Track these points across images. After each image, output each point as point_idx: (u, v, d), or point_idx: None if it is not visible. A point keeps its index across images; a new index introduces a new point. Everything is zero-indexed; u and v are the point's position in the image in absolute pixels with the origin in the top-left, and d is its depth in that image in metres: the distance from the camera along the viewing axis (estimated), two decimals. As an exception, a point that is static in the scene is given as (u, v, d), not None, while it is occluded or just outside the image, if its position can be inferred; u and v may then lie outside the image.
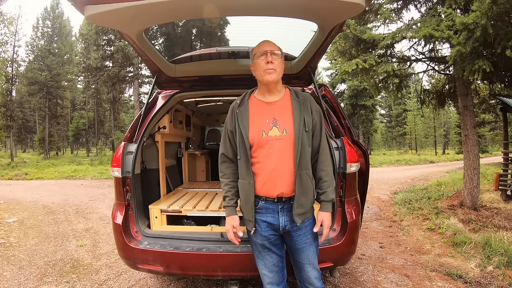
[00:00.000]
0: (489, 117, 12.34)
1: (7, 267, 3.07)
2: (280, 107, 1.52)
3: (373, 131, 26.53)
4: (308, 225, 1.55)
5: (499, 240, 3.31)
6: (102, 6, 1.39)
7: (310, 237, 1.55)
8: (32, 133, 35.27)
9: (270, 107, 1.53)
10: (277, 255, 1.60)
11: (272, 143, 1.47)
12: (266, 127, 1.49)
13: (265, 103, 1.54)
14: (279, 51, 1.52)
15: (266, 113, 1.52)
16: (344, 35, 4.76)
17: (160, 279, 2.75)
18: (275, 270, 1.60)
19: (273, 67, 1.47)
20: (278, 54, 1.50)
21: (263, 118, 1.51)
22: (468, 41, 3.58)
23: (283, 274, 1.65)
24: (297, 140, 1.46)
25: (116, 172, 2.14)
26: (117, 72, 19.74)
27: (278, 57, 1.50)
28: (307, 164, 1.50)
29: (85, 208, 5.90)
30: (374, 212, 5.40)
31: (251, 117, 1.52)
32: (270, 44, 1.52)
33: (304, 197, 1.49)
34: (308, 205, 1.52)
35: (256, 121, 1.51)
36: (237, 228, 1.57)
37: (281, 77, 1.55)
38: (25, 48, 33.90)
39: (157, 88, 2.81)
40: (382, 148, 43.45)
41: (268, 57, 1.47)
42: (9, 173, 12.69)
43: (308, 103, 1.54)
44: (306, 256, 1.54)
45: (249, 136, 1.49)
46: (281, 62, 1.52)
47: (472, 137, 4.78)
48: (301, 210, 1.49)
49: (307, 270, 1.55)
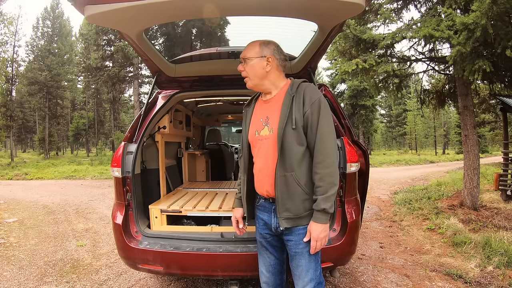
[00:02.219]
0: (489, 117, 12.36)
1: (7, 267, 3.07)
2: (273, 104, 1.46)
3: (373, 131, 26.54)
4: (302, 234, 1.41)
5: (499, 240, 3.31)
6: (102, 6, 1.39)
7: (301, 247, 1.41)
8: (32, 133, 35.26)
9: (266, 105, 1.50)
10: (274, 257, 1.58)
11: (261, 143, 1.45)
12: (259, 127, 1.47)
13: (263, 102, 1.53)
14: (252, 54, 1.44)
15: (262, 111, 1.50)
16: (344, 35, 4.76)
17: (160, 279, 2.75)
18: (272, 271, 1.59)
19: (245, 75, 1.47)
20: (250, 58, 1.44)
21: (259, 117, 1.50)
22: (468, 41, 3.58)
23: (281, 278, 1.61)
24: (279, 139, 1.36)
25: (116, 172, 2.14)
26: (117, 72, 19.73)
27: (251, 61, 1.43)
28: (293, 165, 1.37)
29: (85, 208, 5.90)
30: (374, 212, 5.40)
31: (253, 116, 1.54)
32: (244, 50, 1.47)
33: (290, 201, 1.38)
34: (297, 211, 1.39)
35: (254, 120, 1.52)
36: (239, 220, 1.65)
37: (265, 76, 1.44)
38: (25, 48, 33.97)
39: (157, 88, 2.81)
40: (382, 148, 43.45)
41: (239, 66, 1.49)
42: (9, 173, 12.69)
43: (301, 94, 1.39)
44: (295, 265, 1.45)
45: (248, 135, 1.52)
46: (256, 63, 1.43)
47: (472, 137, 4.78)
48: (287, 214, 1.39)
49: (296, 282, 1.47)
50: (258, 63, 1.43)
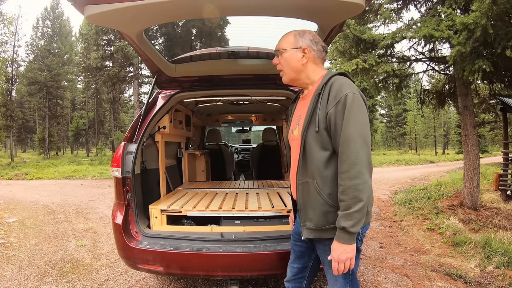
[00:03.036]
0: (489, 117, 12.36)
1: (7, 267, 3.07)
2: (306, 102, 1.33)
3: (373, 131, 26.54)
4: (329, 245, 1.24)
5: (499, 240, 3.31)
6: (102, 6, 1.39)
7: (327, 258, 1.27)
8: (32, 133, 35.27)
9: (302, 102, 1.39)
10: (299, 260, 1.49)
11: (293, 143, 1.37)
12: (294, 126, 1.38)
13: (301, 99, 1.42)
14: (285, 45, 1.33)
15: (298, 110, 1.41)
16: (344, 35, 4.77)
17: (160, 279, 2.75)
18: (292, 272, 1.53)
19: (280, 68, 1.37)
20: (284, 49, 1.33)
21: (295, 115, 1.41)
22: (468, 41, 3.58)
23: (300, 283, 1.52)
24: (302, 142, 1.26)
25: (116, 172, 2.14)
26: (117, 72, 19.73)
27: (285, 53, 1.32)
28: (314, 172, 1.23)
29: (85, 208, 5.90)
30: (374, 212, 5.40)
31: (293, 115, 1.45)
32: (279, 41, 1.38)
33: (312, 210, 1.25)
34: (319, 222, 1.24)
35: (293, 119, 1.44)
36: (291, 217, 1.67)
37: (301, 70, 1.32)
38: (25, 48, 34.04)
39: (157, 88, 2.81)
40: (382, 148, 43.43)
41: (275, 58, 1.39)
42: (9, 173, 12.68)
43: (327, 91, 1.22)
44: (326, 271, 1.35)
45: (288, 134, 1.45)
46: (290, 56, 1.31)
47: (472, 137, 4.78)
48: (309, 224, 1.27)
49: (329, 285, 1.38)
50: (293, 55, 1.31)
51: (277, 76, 1.49)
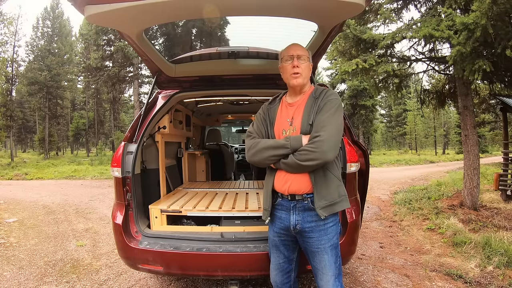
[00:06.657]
0: (489, 117, 12.37)
1: (7, 267, 3.07)
2: (298, 106, 1.56)
3: (373, 131, 26.53)
4: (323, 230, 1.49)
5: (499, 240, 3.31)
6: (102, 6, 1.39)
7: (323, 242, 1.49)
8: (32, 133, 35.26)
9: (291, 107, 1.59)
10: (284, 255, 1.62)
11: None
12: (286, 126, 1.55)
13: (287, 104, 1.61)
14: (306, 54, 1.56)
15: (288, 113, 1.58)
16: (344, 35, 4.76)
17: (160, 279, 2.75)
18: (279, 269, 1.63)
19: (299, 71, 1.52)
20: (305, 58, 1.55)
21: (285, 117, 1.58)
22: (468, 41, 3.58)
23: (289, 277, 1.65)
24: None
25: (116, 172, 2.14)
26: (117, 72, 19.74)
27: (305, 61, 1.55)
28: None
29: (85, 208, 5.90)
30: (374, 212, 5.40)
31: (277, 117, 1.60)
32: (297, 48, 1.56)
33: (327, 190, 1.46)
34: (332, 197, 1.46)
35: (280, 120, 1.59)
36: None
37: (308, 79, 1.59)
38: (25, 48, 34.00)
39: (157, 88, 2.81)
40: (382, 148, 43.43)
41: (294, 61, 1.52)
42: (9, 173, 12.68)
43: (322, 96, 1.52)
44: (318, 261, 1.50)
45: (274, 133, 1.57)
46: (307, 66, 1.56)
47: (472, 137, 4.78)
48: (324, 202, 1.45)
49: (320, 277, 1.51)
50: (308, 66, 1.58)
51: (277, 76, 1.54)
